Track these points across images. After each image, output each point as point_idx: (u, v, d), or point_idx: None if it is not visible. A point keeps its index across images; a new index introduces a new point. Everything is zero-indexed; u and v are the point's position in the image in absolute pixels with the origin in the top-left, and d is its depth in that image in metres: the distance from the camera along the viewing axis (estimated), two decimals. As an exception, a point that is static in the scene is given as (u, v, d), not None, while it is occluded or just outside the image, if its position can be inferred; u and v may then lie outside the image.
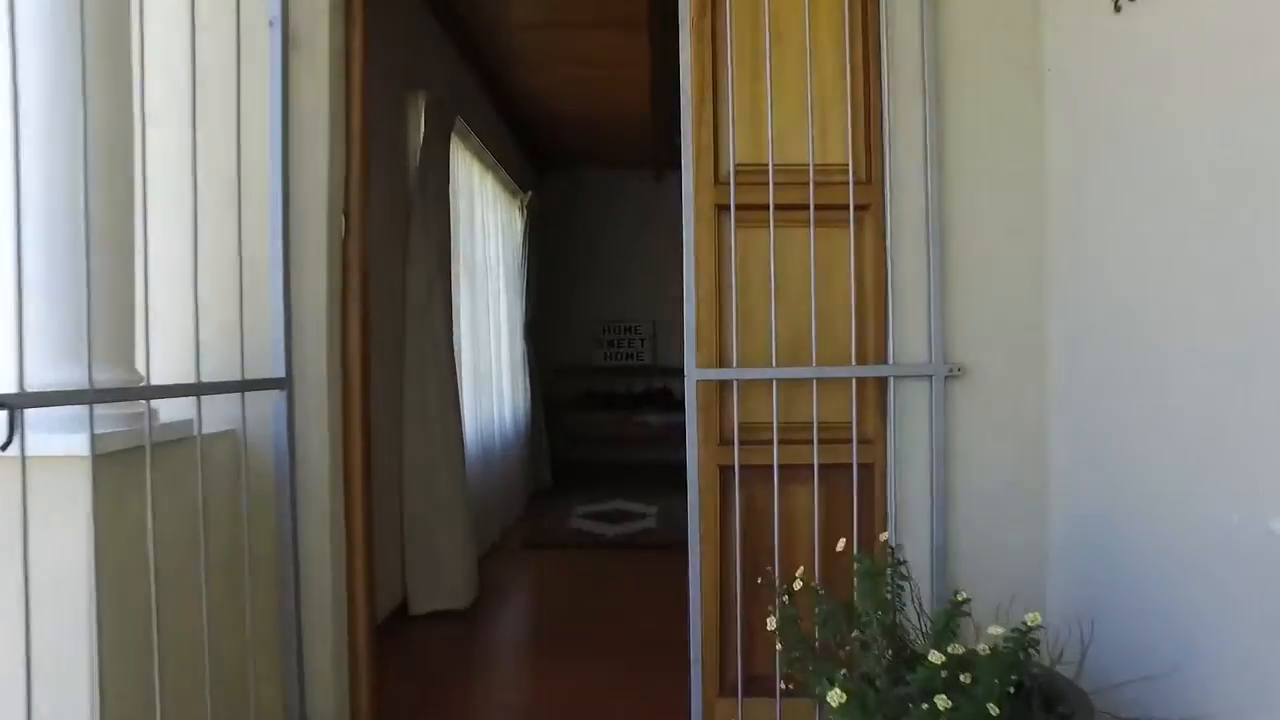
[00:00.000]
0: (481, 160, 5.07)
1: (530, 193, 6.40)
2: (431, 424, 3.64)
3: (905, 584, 1.65)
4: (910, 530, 2.11)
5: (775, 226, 2.16)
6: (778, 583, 2.00)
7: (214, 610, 1.79)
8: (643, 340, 8.31)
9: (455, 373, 3.85)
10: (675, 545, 4.99)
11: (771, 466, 2.13)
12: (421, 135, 3.75)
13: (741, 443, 2.18)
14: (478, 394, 4.80)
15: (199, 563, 1.70)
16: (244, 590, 1.89)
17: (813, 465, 2.12)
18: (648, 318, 8.28)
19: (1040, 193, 2.11)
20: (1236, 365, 1.43)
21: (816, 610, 1.63)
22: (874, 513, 2.18)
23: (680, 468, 2.31)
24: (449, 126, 3.98)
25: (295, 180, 2.05)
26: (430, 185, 3.70)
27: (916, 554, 2.10)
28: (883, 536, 1.69)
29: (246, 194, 1.91)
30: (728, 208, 2.17)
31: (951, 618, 1.46)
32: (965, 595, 1.46)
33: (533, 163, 7.40)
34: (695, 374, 2.07)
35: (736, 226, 2.19)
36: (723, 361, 2.19)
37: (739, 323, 2.15)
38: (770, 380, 2.12)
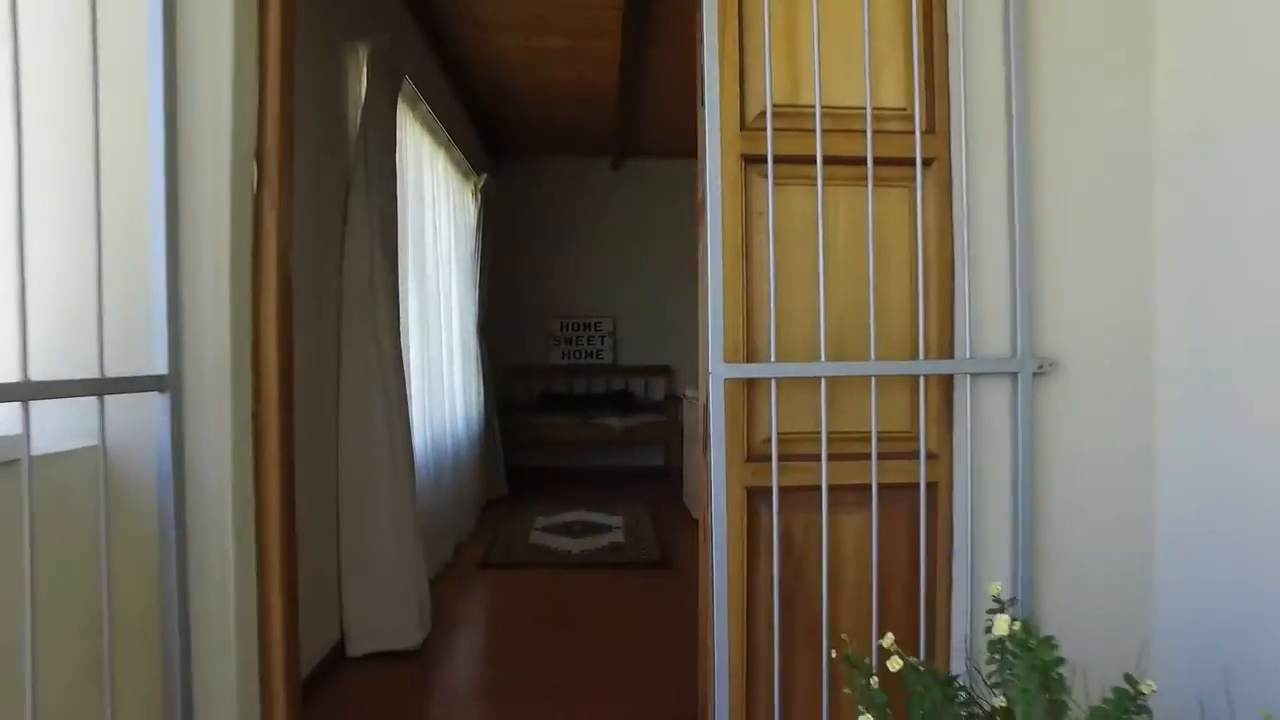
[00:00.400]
0: (432, 134, 4.52)
1: (485, 175, 5.86)
2: (374, 432, 3.09)
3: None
4: (987, 568, 1.68)
5: (807, 185, 1.72)
6: (827, 645, 1.55)
7: (69, 689, 1.26)
8: (603, 338, 7.82)
9: (402, 373, 3.30)
10: (647, 563, 4.56)
11: (809, 489, 1.69)
12: (363, 93, 3.20)
13: (765, 457, 1.73)
14: (428, 397, 4.25)
15: (42, 625, 1.16)
16: (104, 659, 1.35)
17: (870, 486, 1.68)
18: (608, 313, 7.81)
19: (1150, 142, 1.70)
20: None
21: (914, 693, 1.19)
22: (936, 546, 1.75)
23: (644, 473, 1.84)
24: (396, 86, 3.43)
25: (186, 110, 1.51)
26: (373, 154, 3.16)
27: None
28: (994, 588, 1.26)
29: (114, 125, 1.38)
30: (759, 159, 1.70)
31: (1127, 713, 1.03)
32: (1150, 685, 1.03)
33: (486, 147, 6.85)
34: (723, 370, 1.60)
35: (770, 183, 1.73)
36: (751, 355, 1.73)
37: (776, 306, 1.69)
38: (817, 379, 1.66)
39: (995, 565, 1.68)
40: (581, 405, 7.39)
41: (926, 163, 1.76)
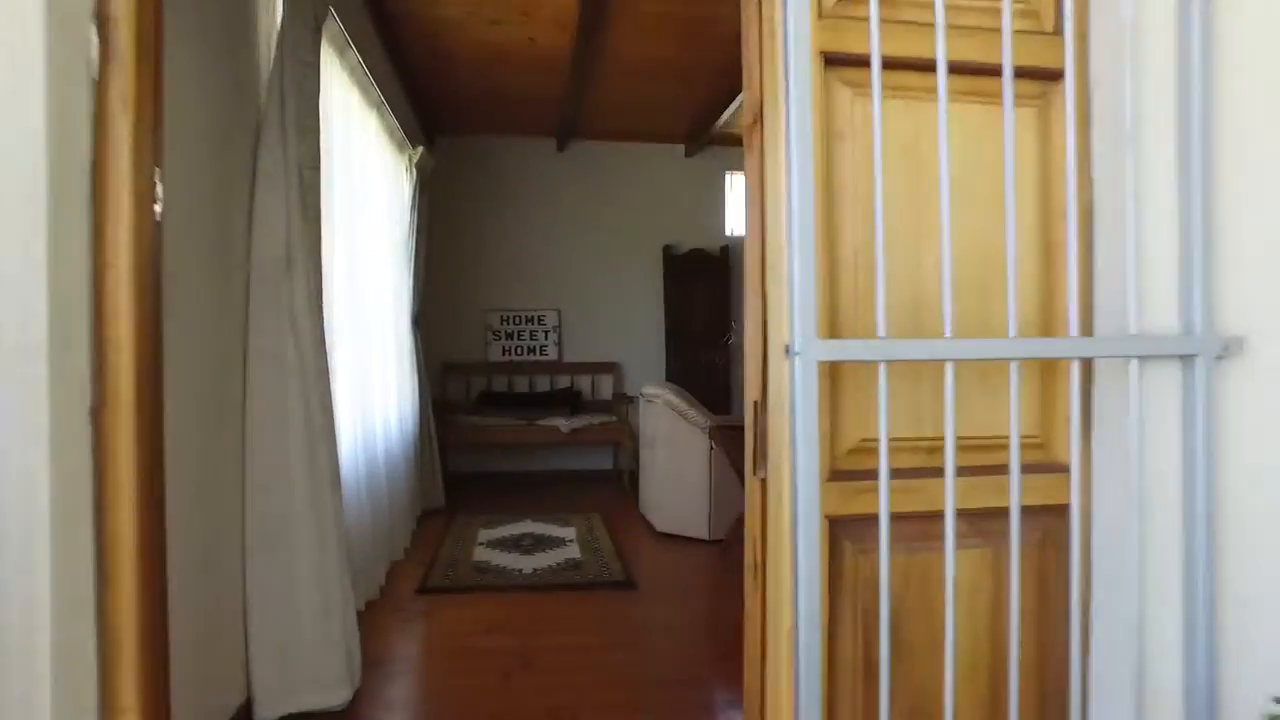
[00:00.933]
0: (363, 90, 3.90)
1: (421, 149, 5.23)
2: (290, 437, 2.48)
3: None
4: (1155, 634, 1.23)
5: (904, 100, 1.26)
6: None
7: None
8: (547, 332, 7.26)
9: (326, 366, 2.70)
10: (611, 583, 4.01)
11: (907, 517, 1.22)
12: (279, 19, 2.60)
13: (851, 474, 1.26)
14: (357, 395, 3.64)
15: None
16: None
17: (987, 511, 1.22)
18: (552, 306, 7.25)
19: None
20: None
21: None
22: (1069, 593, 1.30)
23: (593, 478, 1.35)
24: (320, 16, 2.82)
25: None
26: (292, 95, 2.55)
27: (1161, 673, 1.24)
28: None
29: None
30: (847, 60, 1.22)
31: None
32: None
33: (420, 123, 6.19)
34: (816, 349, 1.10)
35: (855, 95, 1.26)
36: (836, 330, 1.25)
37: (864, 267, 1.22)
38: (922, 365, 1.20)
39: (1157, 621, 1.24)
40: (525, 405, 6.81)
41: (1057, 75, 1.32)
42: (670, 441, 4.89)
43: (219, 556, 2.25)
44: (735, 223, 7.56)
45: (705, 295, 7.45)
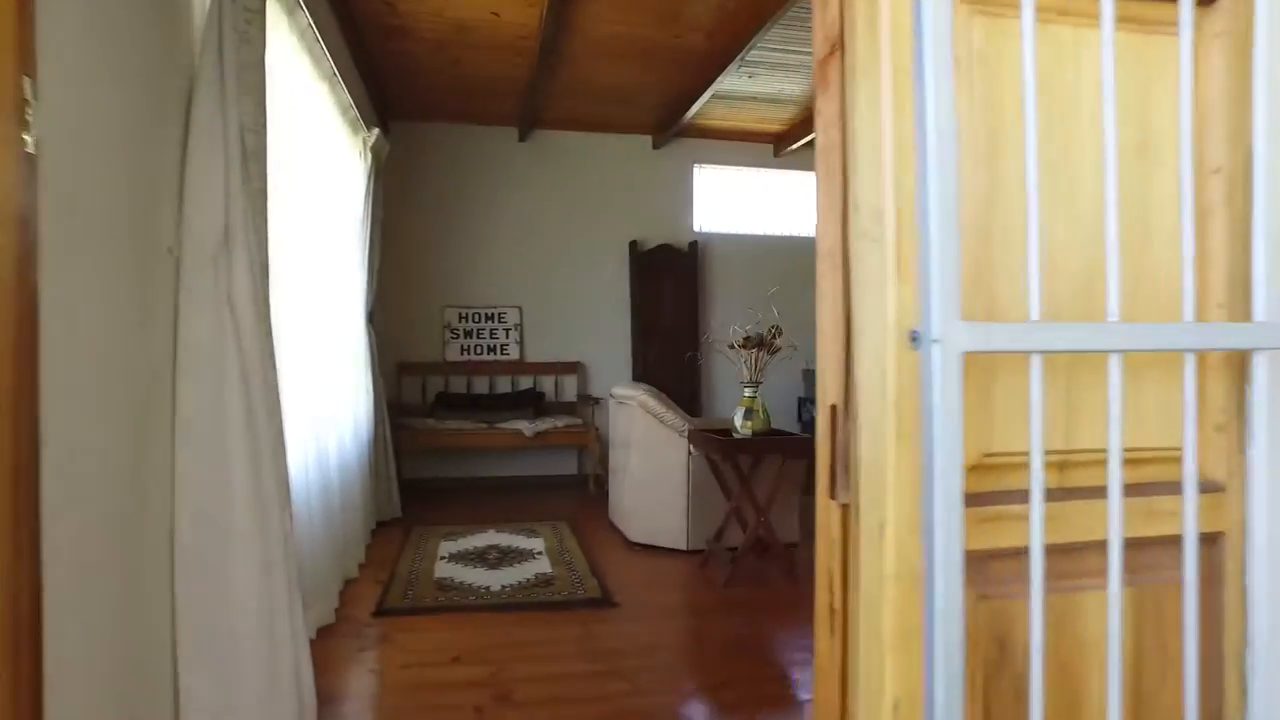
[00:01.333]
0: (314, 60, 3.51)
1: (376, 131, 4.84)
2: (228, 444, 2.12)
3: None
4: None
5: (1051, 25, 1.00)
6: None
7: None
8: (508, 330, 6.90)
9: (273, 361, 2.34)
10: (587, 601, 3.64)
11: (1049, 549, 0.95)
12: (215, -41, 2.23)
13: (971, 499, 0.98)
14: (306, 399, 3.25)
15: None
16: None
17: (1184, 540, 0.96)
18: (513, 302, 6.90)
19: None
20: None
21: None
22: (1223, 644, 1.05)
23: (557, 483, 1.12)
24: (265, -38, 2.45)
25: None
26: (232, 48, 2.19)
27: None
28: None
29: None
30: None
31: None
32: None
33: (374, 108, 5.78)
34: (961, 336, 0.81)
35: (972, 14, 0.99)
36: (979, 312, 0.97)
37: (981, 238, 0.95)
38: (1073, 357, 0.93)
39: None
40: (485, 407, 6.45)
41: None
42: (645, 446, 4.60)
43: (139, 598, 1.88)
44: (704, 218, 7.33)
45: (673, 293, 7.19)
